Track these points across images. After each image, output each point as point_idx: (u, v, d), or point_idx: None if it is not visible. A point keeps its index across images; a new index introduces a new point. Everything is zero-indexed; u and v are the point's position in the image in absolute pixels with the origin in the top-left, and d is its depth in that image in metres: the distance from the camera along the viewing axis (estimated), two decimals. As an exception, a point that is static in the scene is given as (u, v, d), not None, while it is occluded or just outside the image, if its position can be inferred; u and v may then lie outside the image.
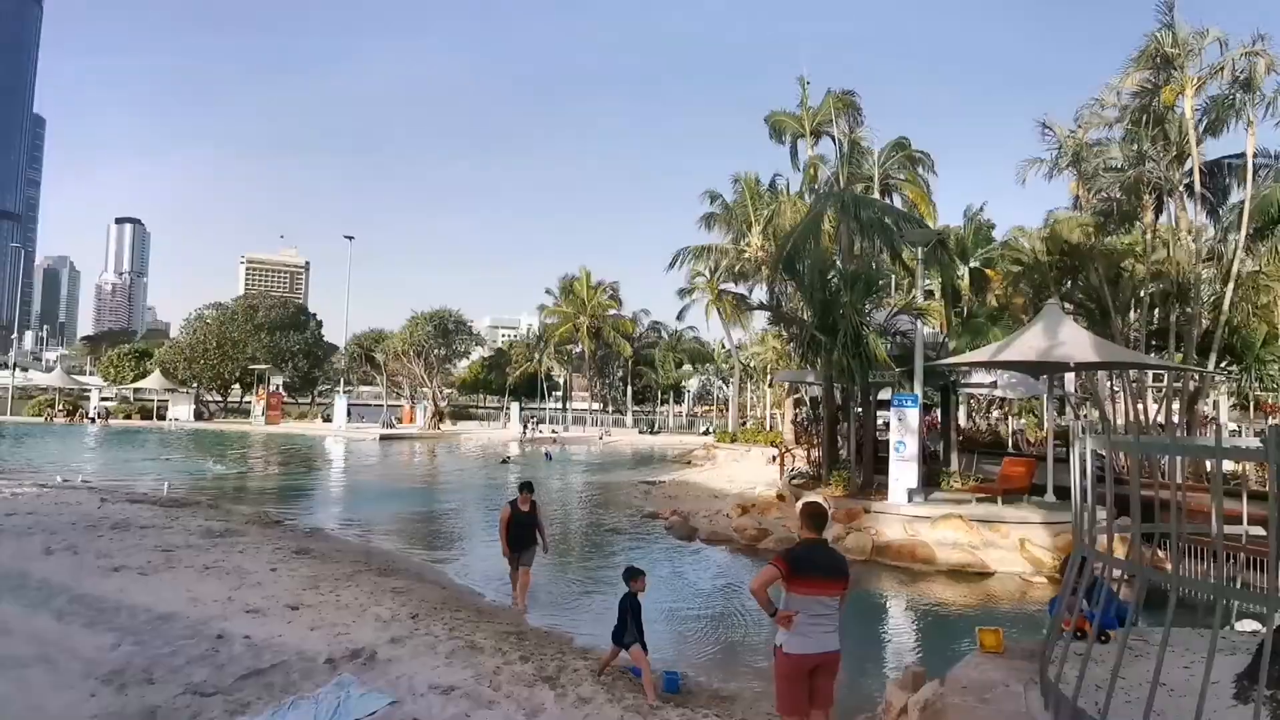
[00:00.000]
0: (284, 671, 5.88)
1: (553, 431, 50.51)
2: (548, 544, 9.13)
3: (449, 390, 65.49)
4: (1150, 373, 20.80)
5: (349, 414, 50.83)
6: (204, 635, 6.64)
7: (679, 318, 52.09)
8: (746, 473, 24.59)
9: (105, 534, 11.24)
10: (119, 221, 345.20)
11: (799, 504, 14.98)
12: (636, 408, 65.12)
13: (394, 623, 7.45)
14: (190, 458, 29.95)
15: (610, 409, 63.24)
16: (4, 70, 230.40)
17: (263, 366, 56.48)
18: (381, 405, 62.84)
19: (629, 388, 63.71)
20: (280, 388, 57.99)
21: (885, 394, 18.37)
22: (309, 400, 66.60)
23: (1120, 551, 4.40)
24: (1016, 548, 12.07)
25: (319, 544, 12.30)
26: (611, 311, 60.50)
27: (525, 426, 49.94)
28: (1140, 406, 19.47)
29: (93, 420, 51.04)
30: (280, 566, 9.78)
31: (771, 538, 13.63)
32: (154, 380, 56.19)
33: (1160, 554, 9.93)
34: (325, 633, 6.94)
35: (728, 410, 55.51)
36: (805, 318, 17.97)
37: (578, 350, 59.50)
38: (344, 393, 56.87)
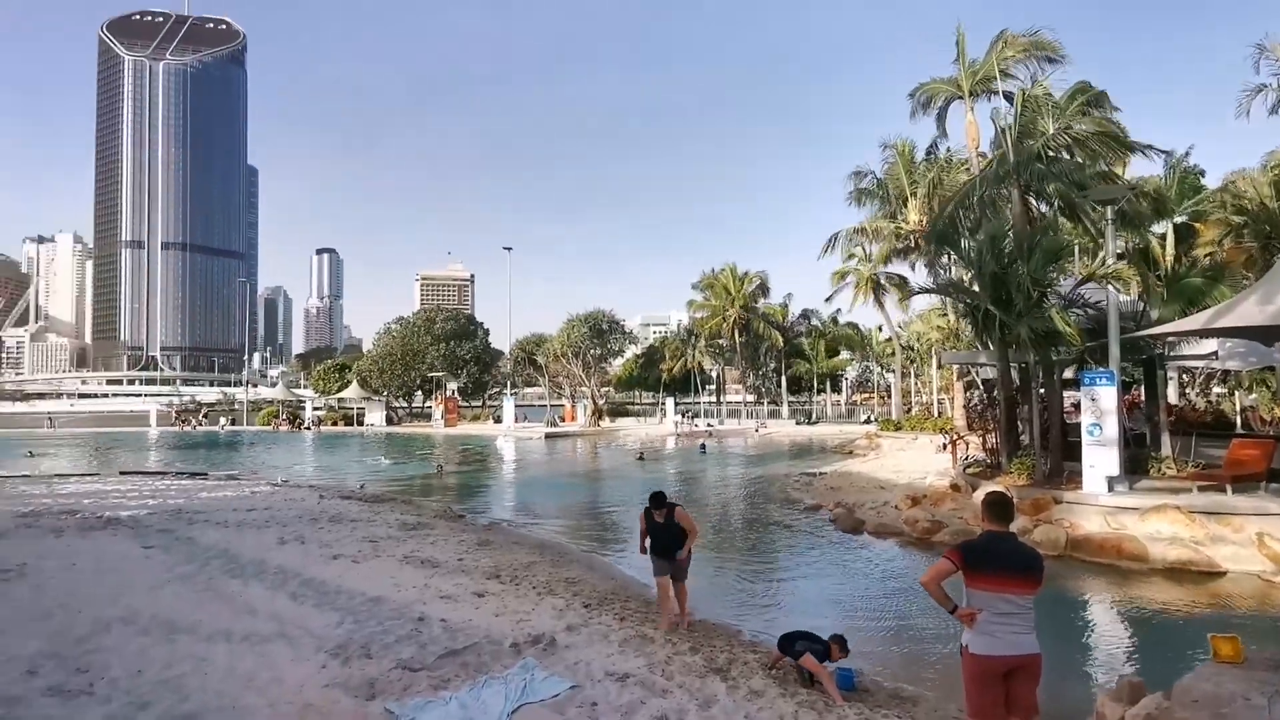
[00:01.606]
0: (476, 652, 6.41)
1: (708, 425, 50.73)
2: (688, 553, 7.53)
3: (606, 388, 67.91)
4: None
5: (516, 415, 54.30)
6: (408, 617, 7.39)
7: (828, 300, 50.34)
8: (914, 462, 23.30)
9: (324, 526, 12.85)
10: (319, 252, 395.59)
11: (975, 494, 13.91)
12: (792, 398, 63.75)
13: (569, 611, 7.85)
14: (386, 458, 33.45)
15: (765, 400, 62.41)
16: (222, 131, 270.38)
17: (440, 373, 61.90)
18: (545, 405, 66.47)
19: (782, 378, 62.48)
20: (455, 392, 63.19)
21: (1073, 372, 16.57)
22: (480, 403, 71.79)
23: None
24: (1253, 543, 10.38)
25: (497, 536, 13.25)
26: (760, 301, 59.65)
27: (680, 420, 50.56)
28: None
29: (308, 427, 58.57)
30: (466, 557, 10.66)
31: (946, 531, 12.77)
32: (353, 390, 63.52)
33: None
34: (508, 619, 7.46)
35: (890, 397, 52.81)
36: (974, 291, 16.62)
37: (728, 343, 59.27)
38: (511, 395, 60.82)
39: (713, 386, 70.52)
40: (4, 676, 5.60)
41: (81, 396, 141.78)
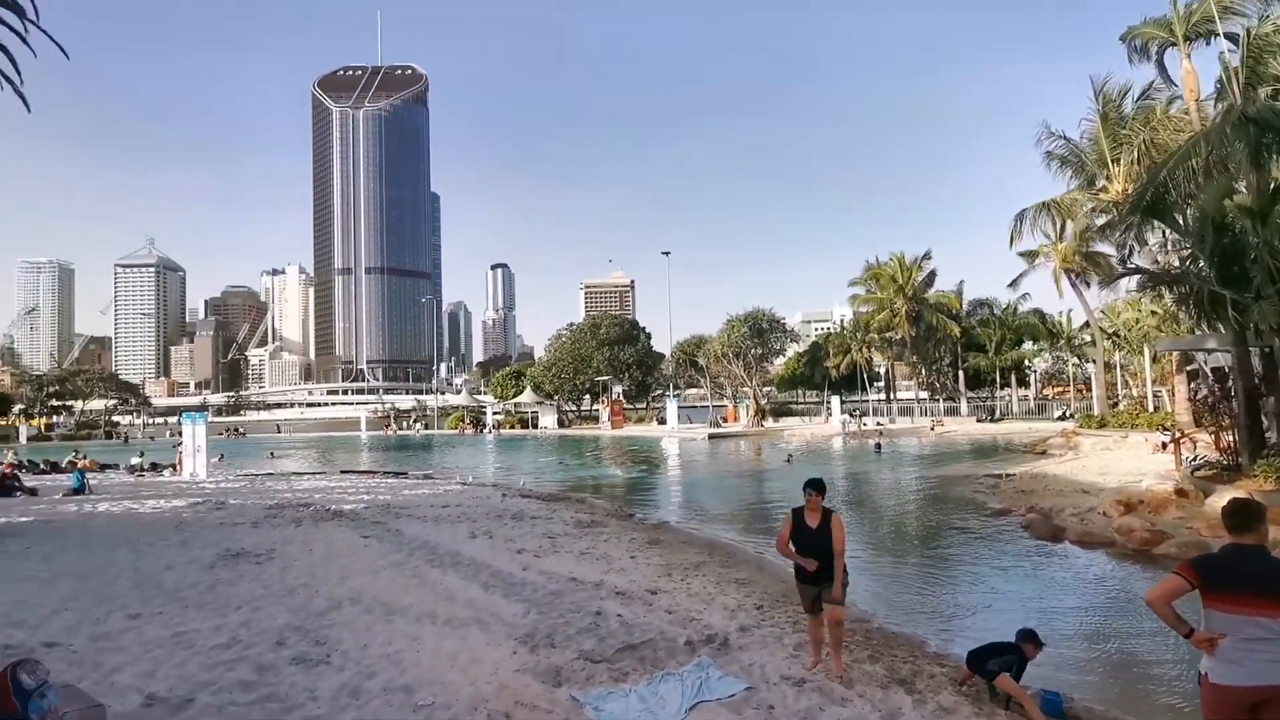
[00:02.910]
0: (652, 648, 6.59)
1: (878, 424, 48.28)
2: (844, 583, 5.80)
3: (768, 388, 66.88)
4: None
5: (679, 416, 55.06)
6: (586, 611, 7.77)
7: (1012, 285, 45.96)
8: (1124, 463, 20.67)
9: (508, 522, 13.85)
10: (493, 268, 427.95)
11: (1210, 500, 12.08)
12: (971, 393, 58.80)
13: (740, 612, 7.84)
14: (562, 459, 35.38)
15: (940, 396, 58.22)
16: (410, 165, 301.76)
17: (605, 378, 64.37)
18: (707, 406, 66.81)
19: (959, 372, 57.88)
20: (620, 395, 65.39)
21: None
22: (644, 405, 73.68)
23: None
24: None
25: (667, 535, 13.53)
26: (930, 290, 55.74)
27: (849, 419, 48.55)
28: None
29: (489, 431, 63.43)
30: (638, 555, 11.00)
31: (1171, 542, 11.17)
32: (527, 396, 67.89)
33: None
34: (680, 617, 7.60)
35: (1089, 390, 47.17)
36: (1196, 269, 14.39)
37: (898, 337, 55.95)
38: (673, 396, 61.74)
39: (881, 383, 66.96)
40: (260, 646, 6.61)
41: (309, 406, 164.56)
